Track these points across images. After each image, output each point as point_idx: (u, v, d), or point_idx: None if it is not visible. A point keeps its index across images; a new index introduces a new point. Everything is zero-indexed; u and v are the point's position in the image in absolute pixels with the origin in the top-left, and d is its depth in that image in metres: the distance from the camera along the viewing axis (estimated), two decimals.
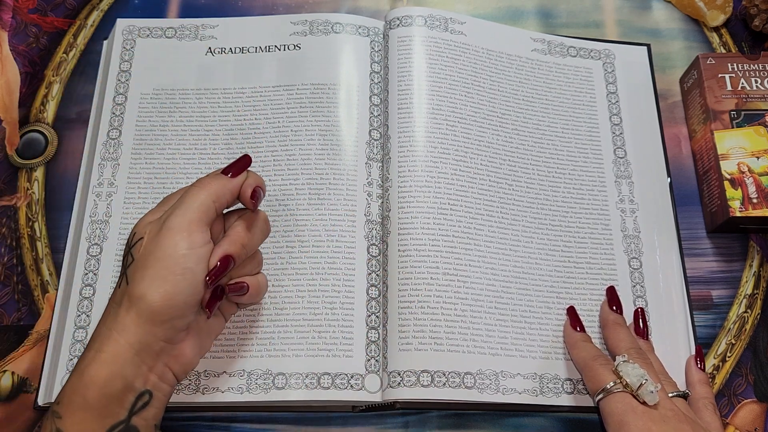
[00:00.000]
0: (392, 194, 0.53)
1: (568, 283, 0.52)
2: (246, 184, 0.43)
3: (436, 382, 0.47)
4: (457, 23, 0.59)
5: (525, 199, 0.54)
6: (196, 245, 0.41)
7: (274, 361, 0.48)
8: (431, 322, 0.48)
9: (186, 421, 0.50)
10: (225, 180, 0.43)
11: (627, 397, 0.43)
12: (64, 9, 0.64)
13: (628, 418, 0.42)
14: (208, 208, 0.42)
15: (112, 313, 0.41)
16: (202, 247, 0.41)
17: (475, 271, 0.50)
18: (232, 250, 0.42)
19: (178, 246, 0.40)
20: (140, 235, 0.42)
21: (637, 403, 0.42)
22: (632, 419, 0.42)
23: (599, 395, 0.44)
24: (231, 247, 0.42)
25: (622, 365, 0.44)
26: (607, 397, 0.43)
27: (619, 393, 0.43)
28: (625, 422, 0.42)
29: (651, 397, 0.42)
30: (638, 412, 0.42)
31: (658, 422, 0.41)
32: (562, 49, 0.61)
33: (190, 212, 0.41)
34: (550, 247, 0.53)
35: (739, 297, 0.55)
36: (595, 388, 0.44)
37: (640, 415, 0.42)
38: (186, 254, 0.40)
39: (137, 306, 0.40)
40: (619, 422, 0.42)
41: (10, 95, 0.61)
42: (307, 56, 0.58)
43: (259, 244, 0.46)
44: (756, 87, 0.58)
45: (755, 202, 0.53)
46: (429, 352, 0.48)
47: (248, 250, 0.44)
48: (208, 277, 0.41)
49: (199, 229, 0.41)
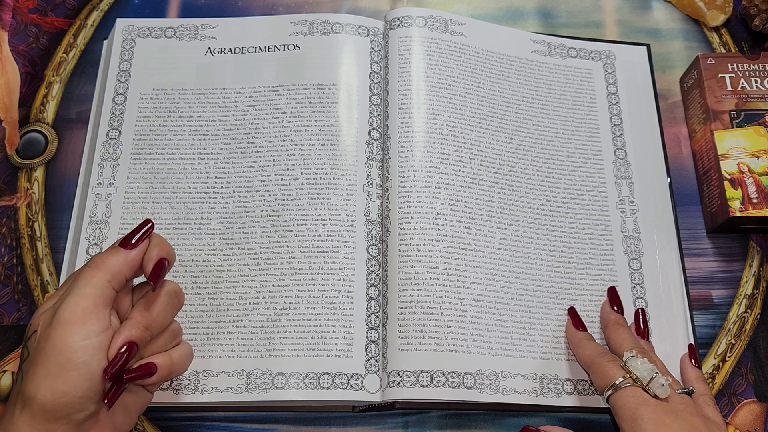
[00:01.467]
0: (392, 194, 0.52)
1: (568, 284, 0.52)
2: (147, 258, 0.39)
3: (436, 382, 0.47)
4: (457, 24, 0.59)
5: (525, 199, 0.54)
6: (91, 335, 0.37)
7: (273, 360, 0.48)
8: (431, 322, 0.48)
9: (186, 421, 0.50)
10: (122, 255, 0.39)
11: (638, 391, 0.43)
12: (64, 9, 0.64)
13: (641, 411, 0.42)
14: (104, 291, 0.38)
15: (8, 414, 0.37)
16: (99, 336, 0.37)
17: (475, 272, 0.50)
18: (135, 334, 0.38)
19: (70, 339, 0.36)
20: (34, 327, 0.38)
21: (649, 396, 0.43)
22: (645, 412, 0.42)
23: (609, 391, 0.44)
24: (133, 332, 0.38)
25: (630, 360, 0.44)
26: (617, 392, 0.43)
27: (629, 387, 0.43)
28: (639, 415, 0.42)
29: (662, 390, 0.42)
30: (651, 405, 0.42)
31: (671, 415, 0.42)
32: (562, 50, 0.61)
33: (83, 299, 0.37)
34: (550, 248, 0.53)
35: (739, 297, 0.55)
36: (603, 384, 0.44)
37: (653, 407, 0.42)
38: (80, 347, 0.36)
39: (29, 406, 0.36)
40: (632, 416, 0.42)
41: (10, 95, 0.61)
42: (306, 56, 0.58)
43: (168, 321, 0.41)
44: (756, 87, 0.58)
45: (755, 202, 0.53)
46: (429, 352, 0.48)
47: (155, 330, 0.40)
48: (107, 369, 0.37)
49: (95, 316, 0.37)
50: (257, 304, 0.50)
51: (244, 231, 0.52)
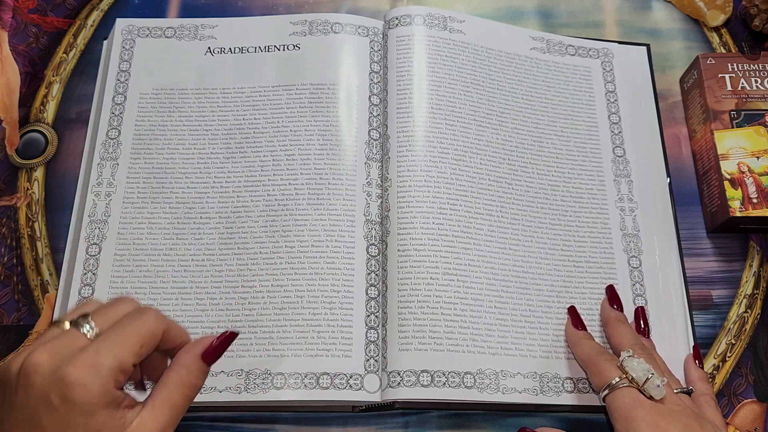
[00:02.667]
0: (391, 194, 0.52)
1: (567, 282, 0.52)
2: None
3: (436, 381, 0.47)
4: (457, 22, 0.59)
5: (524, 198, 0.54)
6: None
7: (272, 360, 0.48)
8: (431, 321, 0.48)
9: (186, 421, 0.50)
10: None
11: (633, 392, 0.42)
12: (64, 9, 0.64)
13: (636, 413, 0.41)
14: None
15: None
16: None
17: (475, 271, 0.50)
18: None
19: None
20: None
21: (644, 397, 0.42)
22: (640, 414, 0.41)
23: (605, 391, 0.43)
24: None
25: (627, 360, 0.44)
26: (612, 393, 0.43)
27: (625, 388, 0.43)
28: (633, 417, 0.41)
29: (657, 392, 0.42)
30: (646, 407, 0.42)
31: (666, 417, 0.41)
32: (561, 47, 0.61)
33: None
34: (550, 246, 0.53)
35: (739, 297, 0.55)
36: (600, 383, 0.44)
37: (648, 409, 0.41)
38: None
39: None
40: (627, 417, 0.42)
41: (10, 95, 0.61)
42: (306, 56, 0.58)
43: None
44: (756, 87, 0.58)
45: (755, 202, 0.53)
46: (429, 351, 0.48)
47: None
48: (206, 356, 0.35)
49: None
50: (256, 303, 0.50)
51: (243, 231, 0.52)
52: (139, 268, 0.52)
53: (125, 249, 0.52)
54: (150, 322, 0.34)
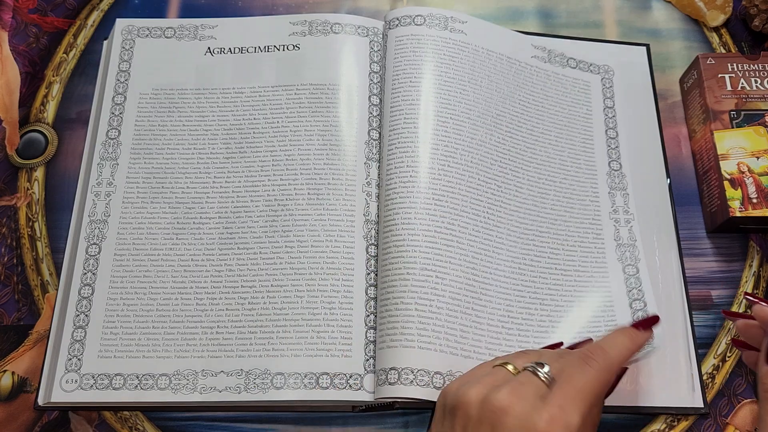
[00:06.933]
0: (381, 193, 0.52)
1: (553, 291, 0.52)
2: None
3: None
4: (458, 22, 0.59)
5: (513, 202, 0.54)
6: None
7: (272, 360, 0.48)
8: (403, 319, 0.47)
9: (185, 421, 0.50)
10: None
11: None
12: (64, 9, 0.64)
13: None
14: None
15: None
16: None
17: (455, 269, 0.49)
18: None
19: None
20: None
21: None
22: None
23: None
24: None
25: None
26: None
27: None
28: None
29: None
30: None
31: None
32: (562, 59, 0.61)
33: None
34: (536, 253, 0.53)
35: (739, 297, 0.55)
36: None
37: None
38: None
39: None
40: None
41: (11, 95, 0.61)
42: (306, 56, 0.58)
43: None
44: (756, 87, 0.58)
45: (755, 202, 0.53)
46: (399, 349, 0.47)
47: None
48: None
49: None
50: (256, 303, 0.50)
51: (243, 231, 0.52)
52: (139, 268, 0.52)
53: (125, 249, 0.52)
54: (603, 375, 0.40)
